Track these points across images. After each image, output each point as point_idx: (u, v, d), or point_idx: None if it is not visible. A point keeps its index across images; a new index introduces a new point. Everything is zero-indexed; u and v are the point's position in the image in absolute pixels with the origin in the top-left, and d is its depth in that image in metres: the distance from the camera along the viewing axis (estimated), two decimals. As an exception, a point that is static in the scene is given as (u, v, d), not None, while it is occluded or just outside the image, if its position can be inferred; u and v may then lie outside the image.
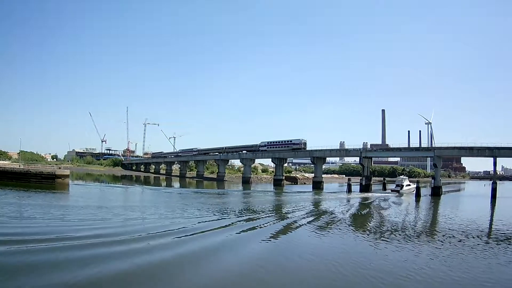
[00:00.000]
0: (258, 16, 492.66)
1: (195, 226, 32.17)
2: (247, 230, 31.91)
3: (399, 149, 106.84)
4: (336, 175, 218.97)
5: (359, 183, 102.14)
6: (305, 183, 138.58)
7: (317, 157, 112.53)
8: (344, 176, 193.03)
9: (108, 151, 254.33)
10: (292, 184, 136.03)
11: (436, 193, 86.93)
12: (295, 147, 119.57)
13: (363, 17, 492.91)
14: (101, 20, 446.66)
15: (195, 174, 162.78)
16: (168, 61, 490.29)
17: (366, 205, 61.31)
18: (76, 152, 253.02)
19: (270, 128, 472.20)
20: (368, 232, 34.35)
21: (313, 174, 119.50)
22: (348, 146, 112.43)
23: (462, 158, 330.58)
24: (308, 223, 37.66)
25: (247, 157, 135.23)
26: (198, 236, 28.03)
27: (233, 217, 39.86)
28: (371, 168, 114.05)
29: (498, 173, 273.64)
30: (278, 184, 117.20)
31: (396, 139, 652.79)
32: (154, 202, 54.89)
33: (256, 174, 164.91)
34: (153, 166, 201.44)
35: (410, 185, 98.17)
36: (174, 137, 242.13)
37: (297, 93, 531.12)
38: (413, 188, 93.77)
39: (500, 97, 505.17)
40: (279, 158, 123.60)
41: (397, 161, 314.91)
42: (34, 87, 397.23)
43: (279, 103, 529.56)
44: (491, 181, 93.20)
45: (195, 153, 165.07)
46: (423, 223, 44.67)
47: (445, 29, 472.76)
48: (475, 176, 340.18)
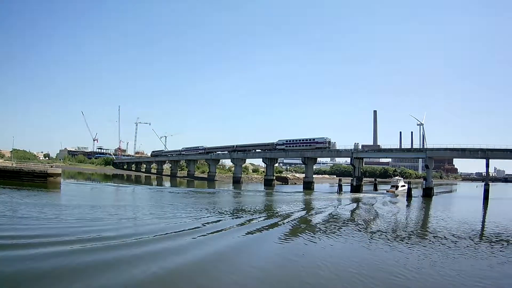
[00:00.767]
0: (252, 16, 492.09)
1: (187, 227, 31.80)
2: (240, 234, 31.07)
3: (391, 150, 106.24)
4: (327, 176, 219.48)
5: (350, 184, 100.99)
6: (296, 183, 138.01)
7: (308, 158, 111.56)
8: (335, 177, 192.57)
9: (100, 150, 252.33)
10: (283, 184, 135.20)
11: (428, 194, 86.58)
12: (319, 146, 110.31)
13: (358, 18, 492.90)
14: (94, 20, 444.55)
15: (186, 174, 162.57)
16: (161, 61, 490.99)
17: (357, 206, 60.56)
18: (68, 151, 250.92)
19: (260, 128, 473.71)
20: (359, 233, 33.88)
21: (304, 175, 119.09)
22: (339, 147, 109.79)
23: (454, 160, 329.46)
24: (298, 224, 37.27)
25: (238, 157, 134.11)
26: (192, 239, 27.41)
27: (225, 219, 39.21)
28: (362, 169, 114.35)
29: (491, 175, 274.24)
30: (269, 184, 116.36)
31: (388, 140, 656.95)
32: (146, 202, 54.73)
33: (247, 174, 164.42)
34: (144, 165, 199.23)
35: (405, 186, 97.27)
36: (166, 137, 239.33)
37: (288, 93, 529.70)
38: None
39: (493, 98, 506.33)
40: (270, 158, 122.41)
41: (389, 162, 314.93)
42: (28, 86, 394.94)
43: (270, 103, 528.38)
44: (484, 183, 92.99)
45: (202, 151, 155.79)
46: (415, 224, 44.26)
47: (437, 30, 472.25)
48: (467, 178, 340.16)
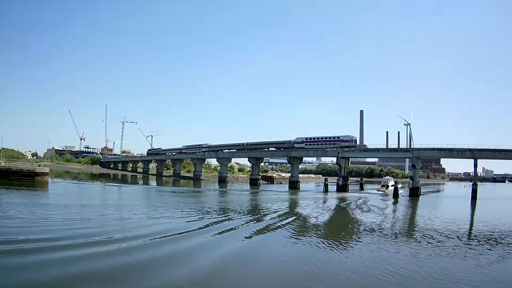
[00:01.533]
0: (242, 16, 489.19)
1: (173, 227, 31.34)
2: (222, 231, 30.76)
3: (377, 150, 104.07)
4: (313, 175, 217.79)
5: (336, 183, 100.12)
6: (282, 183, 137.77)
7: (294, 157, 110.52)
8: (321, 176, 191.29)
9: (87, 149, 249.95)
10: (268, 184, 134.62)
11: (415, 194, 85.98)
12: (344, 145, 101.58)
13: (346, 18, 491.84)
14: (81, 19, 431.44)
15: (172, 173, 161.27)
16: (149, 60, 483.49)
17: (343, 205, 60.21)
18: (56, 150, 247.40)
19: (247, 127, 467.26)
20: (345, 233, 33.45)
21: (290, 174, 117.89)
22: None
23: (442, 160, 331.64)
24: (283, 224, 36.72)
25: (224, 156, 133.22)
26: (175, 237, 26.96)
27: (209, 217, 38.83)
28: (348, 169, 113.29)
29: (479, 175, 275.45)
30: (254, 184, 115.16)
31: (374, 140, 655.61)
32: (133, 201, 54.25)
33: (233, 174, 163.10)
34: (131, 165, 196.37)
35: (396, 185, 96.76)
36: (152, 136, 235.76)
37: (273, 93, 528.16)
38: (399, 188, 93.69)
39: (481, 99, 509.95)
40: (256, 158, 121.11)
41: (375, 162, 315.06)
42: (15, 85, 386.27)
43: (260, 103, 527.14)
44: (472, 183, 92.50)
45: (206, 150, 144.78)
46: (401, 224, 43.50)
47: (425, 30, 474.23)
48: (455, 178, 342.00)
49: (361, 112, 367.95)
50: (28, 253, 20.17)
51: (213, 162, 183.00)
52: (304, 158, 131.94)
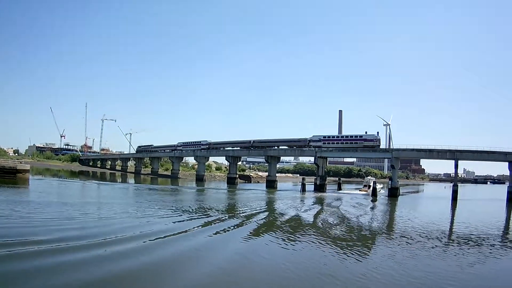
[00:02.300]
0: (223, 16, 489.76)
1: (154, 227, 29.68)
2: (198, 230, 30.05)
3: (356, 150, 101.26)
4: (290, 175, 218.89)
5: (314, 183, 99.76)
6: (259, 182, 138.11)
7: (271, 156, 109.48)
8: (299, 176, 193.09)
9: (67, 147, 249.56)
10: (246, 183, 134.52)
11: (394, 194, 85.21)
12: (367, 144, 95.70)
13: (329, 17, 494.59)
14: (61, 16, 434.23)
15: (150, 171, 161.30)
16: (131, 58, 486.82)
17: (320, 205, 59.19)
18: (37, 147, 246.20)
19: (225, 127, 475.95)
20: (320, 233, 32.07)
21: (267, 173, 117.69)
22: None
23: (422, 160, 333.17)
24: (258, 223, 35.92)
25: (201, 155, 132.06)
26: (153, 241, 24.73)
27: (187, 216, 37.98)
28: (326, 168, 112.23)
29: (460, 176, 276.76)
30: (232, 183, 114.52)
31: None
32: (112, 199, 53.51)
33: (210, 172, 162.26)
34: (109, 162, 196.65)
35: (378, 185, 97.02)
36: (130, 134, 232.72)
37: (251, 92, 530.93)
38: (380, 188, 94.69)
39: (463, 99, 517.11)
40: (233, 157, 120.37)
41: (353, 162, 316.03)
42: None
43: (245, 101, 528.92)
44: (452, 184, 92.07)
45: (205, 147, 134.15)
46: (380, 224, 42.59)
47: (406, 30, 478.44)
48: (435, 178, 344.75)
49: (340, 112, 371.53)
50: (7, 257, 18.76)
51: (191, 161, 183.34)
52: (282, 158, 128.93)
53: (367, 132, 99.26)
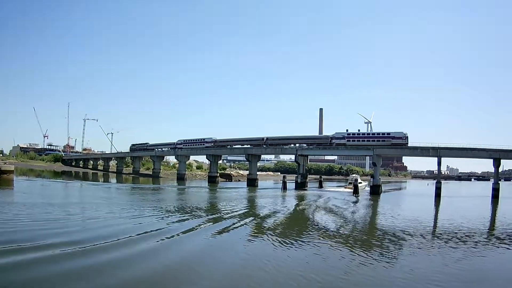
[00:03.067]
0: (203, 16, 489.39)
1: (133, 227, 29.84)
2: (182, 230, 29.47)
3: (337, 147, 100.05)
4: (271, 173, 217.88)
5: (295, 181, 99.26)
6: (240, 180, 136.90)
7: (252, 154, 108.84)
8: (279, 174, 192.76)
9: (50, 147, 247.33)
10: (227, 181, 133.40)
11: (376, 192, 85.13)
12: (396, 142, 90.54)
13: (305, 16, 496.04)
14: (43, 19, 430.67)
15: (131, 171, 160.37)
16: (112, 58, 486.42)
17: (302, 203, 58.33)
18: (20, 148, 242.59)
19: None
20: (301, 232, 31.62)
21: (248, 171, 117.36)
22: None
23: (404, 158, 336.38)
24: (241, 223, 34.87)
25: (182, 154, 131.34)
26: (132, 239, 25.17)
27: (169, 216, 37.97)
28: (307, 166, 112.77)
29: (443, 173, 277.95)
30: (213, 181, 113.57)
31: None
32: (94, 198, 53.58)
33: (191, 171, 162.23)
34: (91, 162, 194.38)
35: (362, 183, 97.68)
36: (112, 133, 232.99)
37: (228, 91, 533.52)
38: (364, 186, 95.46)
39: (444, 97, 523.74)
40: (214, 155, 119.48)
41: (334, 160, 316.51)
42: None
43: (210, 101, 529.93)
44: (435, 181, 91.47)
45: (210, 145, 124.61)
46: (362, 222, 41.52)
47: (388, 29, 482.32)
48: (418, 175, 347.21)
49: (321, 110, 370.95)
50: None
51: (172, 160, 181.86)
52: (263, 156, 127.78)
53: (351, 129, 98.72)
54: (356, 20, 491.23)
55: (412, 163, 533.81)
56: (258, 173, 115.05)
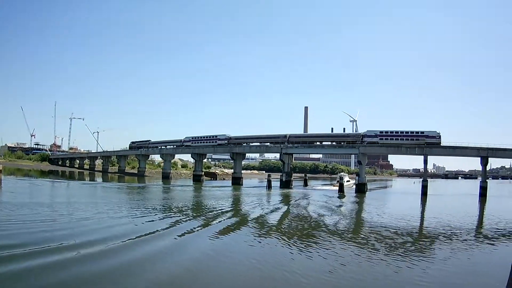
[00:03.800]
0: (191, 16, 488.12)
1: (121, 229, 28.64)
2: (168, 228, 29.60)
3: (322, 146, 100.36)
4: (256, 171, 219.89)
5: (280, 180, 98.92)
6: (225, 179, 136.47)
7: (237, 153, 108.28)
8: (264, 172, 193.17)
9: (37, 146, 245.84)
10: (211, 180, 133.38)
11: (361, 190, 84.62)
12: (430, 141, 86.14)
13: (291, 16, 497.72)
14: (29, 17, 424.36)
15: (117, 169, 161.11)
16: (97, 56, 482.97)
17: (286, 202, 58.61)
18: (8, 147, 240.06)
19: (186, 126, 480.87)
20: (284, 231, 31.18)
21: (232, 170, 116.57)
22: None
23: (390, 156, 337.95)
24: (225, 222, 34.71)
25: (167, 153, 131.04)
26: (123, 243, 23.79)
27: (155, 215, 37.60)
28: (292, 165, 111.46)
29: (430, 171, 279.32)
30: (198, 180, 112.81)
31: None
32: (82, 198, 53.13)
33: (176, 170, 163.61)
34: (78, 161, 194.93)
35: (350, 181, 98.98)
36: (98, 132, 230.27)
37: (212, 90, 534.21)
38: (352, 184, 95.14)
39: (428, 96, 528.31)
40: (199, 154, 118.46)
41: (319, 158, 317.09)
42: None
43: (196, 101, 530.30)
44: (422, 179, 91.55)
45: (223, 142, 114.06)
46: (347, 220, 41.17)
47: (373, 29, 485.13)
48: (404, 174, 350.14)
49: (306, 109, 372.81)
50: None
51: (157, 158, 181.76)
52: (247, 154, 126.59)
53: (340, 129, 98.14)
54: (342, 20, 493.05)
55: (398, 162, 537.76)
56: (243, 172, 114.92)
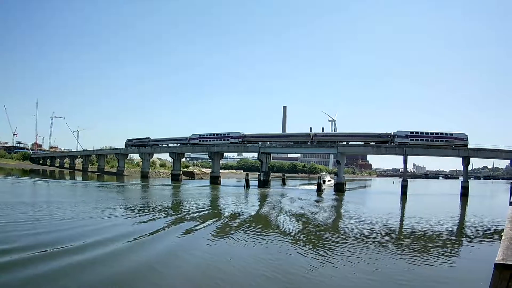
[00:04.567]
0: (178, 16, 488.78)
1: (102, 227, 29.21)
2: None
3: (300, 145, 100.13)
4: (234, 171, 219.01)
5: (258, 179, 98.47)
6: (203, 178, 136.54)
7: (215, 152, 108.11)
8: (242, 172, 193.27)
9: (19, 145, 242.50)
10: (190, 179, 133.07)
11: (340, 190, 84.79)
12: (458, 143, 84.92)
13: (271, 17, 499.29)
14: (13, 16, 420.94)
15: (97, 169, 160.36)
16: (81, 56, 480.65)
17: (263, 201, 58.38)
18: None
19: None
20: (267, 229, 31.47)
21: (211, 169, 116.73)
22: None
23: (369, 156, 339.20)
24: (202, 221, 34.66)
25: (145, 152, 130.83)
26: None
27: (134, 215, 37.66)
28: (270, 164, 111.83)
29: (410, 171, 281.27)
30: (176, 179, 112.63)
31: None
32: (62, 197, 52.91)
33: (155, 169, 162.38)
34: (58, 160, 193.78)
35: (331, 181, 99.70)
36: (78, 131, 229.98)
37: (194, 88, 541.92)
38: (333, 183, 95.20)
39: (414, 93, 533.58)
40: (177, 153, 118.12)
41: (298, 157, 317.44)
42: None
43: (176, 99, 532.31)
44: (401, 179, 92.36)
45: (236, 141, 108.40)
46: (325, 220, 40.51)
47: (358, 28, 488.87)
48: (383, 174, 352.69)
49: (284, 108, 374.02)
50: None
51: (136, 158, 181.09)
52: (225, 154, 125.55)
53: (315, 128, 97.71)
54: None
55: (377, 162, 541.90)
56: (221, 171, 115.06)
